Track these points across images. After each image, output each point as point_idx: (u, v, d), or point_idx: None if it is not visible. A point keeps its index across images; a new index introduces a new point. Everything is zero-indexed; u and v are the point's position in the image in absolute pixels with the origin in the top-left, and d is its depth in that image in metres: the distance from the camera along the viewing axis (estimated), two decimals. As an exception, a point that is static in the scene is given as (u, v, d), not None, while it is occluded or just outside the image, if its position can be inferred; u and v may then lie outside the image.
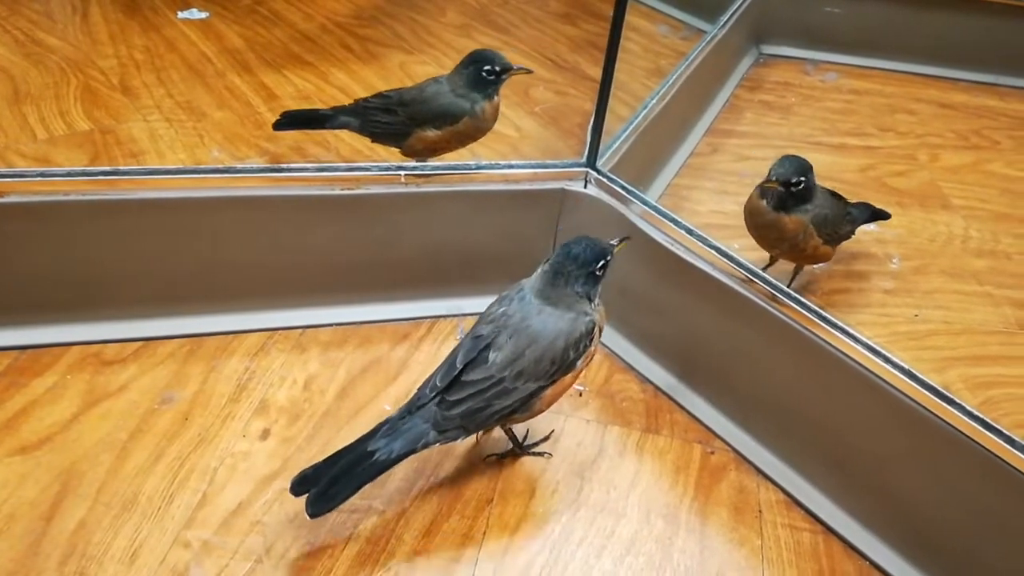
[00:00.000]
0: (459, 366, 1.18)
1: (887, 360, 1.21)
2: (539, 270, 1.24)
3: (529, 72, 1.65)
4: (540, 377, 1.19)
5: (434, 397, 1.18)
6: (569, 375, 1.22)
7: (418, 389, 1.21)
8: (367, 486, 1.15)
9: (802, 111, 2.33)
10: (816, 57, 2.61)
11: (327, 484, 1.11)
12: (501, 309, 1.22)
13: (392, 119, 1.62)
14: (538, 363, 1.18)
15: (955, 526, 1.19)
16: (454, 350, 1.22)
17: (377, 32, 2.45)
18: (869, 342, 1.23)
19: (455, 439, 1.20)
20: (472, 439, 1.31)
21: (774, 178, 1.46)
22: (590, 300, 1.23)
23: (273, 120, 1.70)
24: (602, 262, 1.22)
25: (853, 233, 1.63)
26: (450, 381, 1.18)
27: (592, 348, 1.24)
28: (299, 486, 1.12)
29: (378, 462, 1.14)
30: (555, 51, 2.46)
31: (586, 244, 1.22)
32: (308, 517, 1.11)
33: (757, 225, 1.53)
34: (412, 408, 1.18)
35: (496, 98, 1.60)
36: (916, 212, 1.96)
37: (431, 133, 1.59)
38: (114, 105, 1.96)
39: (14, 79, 2.01)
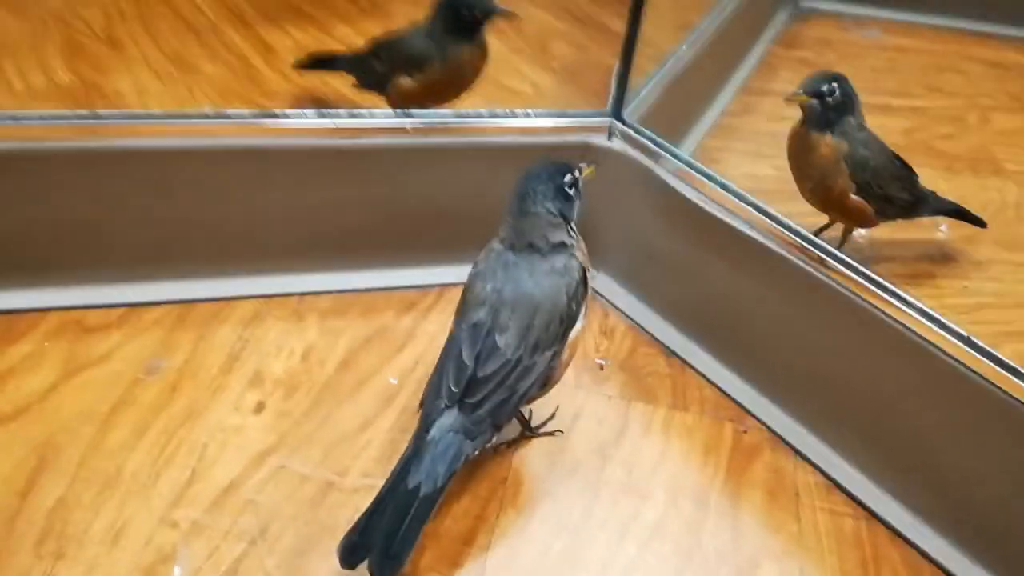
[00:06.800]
0: (469, 363, 1.11)
1: (943, 327, 1.15)
2: (503, 222, 1.20)
3: (515, 16, 1.56)
4: (554, 342, 1.14)
5: (453, 405, 1.11)
6: (576, 326, 1.18)
7: (427, 398, 1.14)
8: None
9: (842, 69, 2.22)
10: (857, 12, 2.56)
11: (384, 542, 1.01)
12: (488, 286, 1.15)
13: (378, 65, 1.60)
14: (548, 328, 1.13)
15: (1015, 512, 1.13)
16: (451, 343, 1.15)
17: (384, -20, 2.42)
18: (924, 307, 1.17)
19: (489, 440, 1.13)
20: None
21: (801, 91, 1.43)
22: (567, 221, 1.19)
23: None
24: (568, 176, 1.19)
25: (913, 213, 1.55)
26: (466, 383, 1.11)
27: (588, 292, 1.21)
28: (350, 556, 1.02)
29: (428, 497, 1.04)
30: (574, 1, 2.41)
31: (544, 163, 1.20)
32: None
33: (793, 152, 1.48)
34: (429, 424, 1.10)
35: (480, 45, 1.53)
36: (966, 177, 1.92)
37: (405, 81, 1.53)
38: (98, 57, 1.90)
39: (-9, 29, 1.97)
